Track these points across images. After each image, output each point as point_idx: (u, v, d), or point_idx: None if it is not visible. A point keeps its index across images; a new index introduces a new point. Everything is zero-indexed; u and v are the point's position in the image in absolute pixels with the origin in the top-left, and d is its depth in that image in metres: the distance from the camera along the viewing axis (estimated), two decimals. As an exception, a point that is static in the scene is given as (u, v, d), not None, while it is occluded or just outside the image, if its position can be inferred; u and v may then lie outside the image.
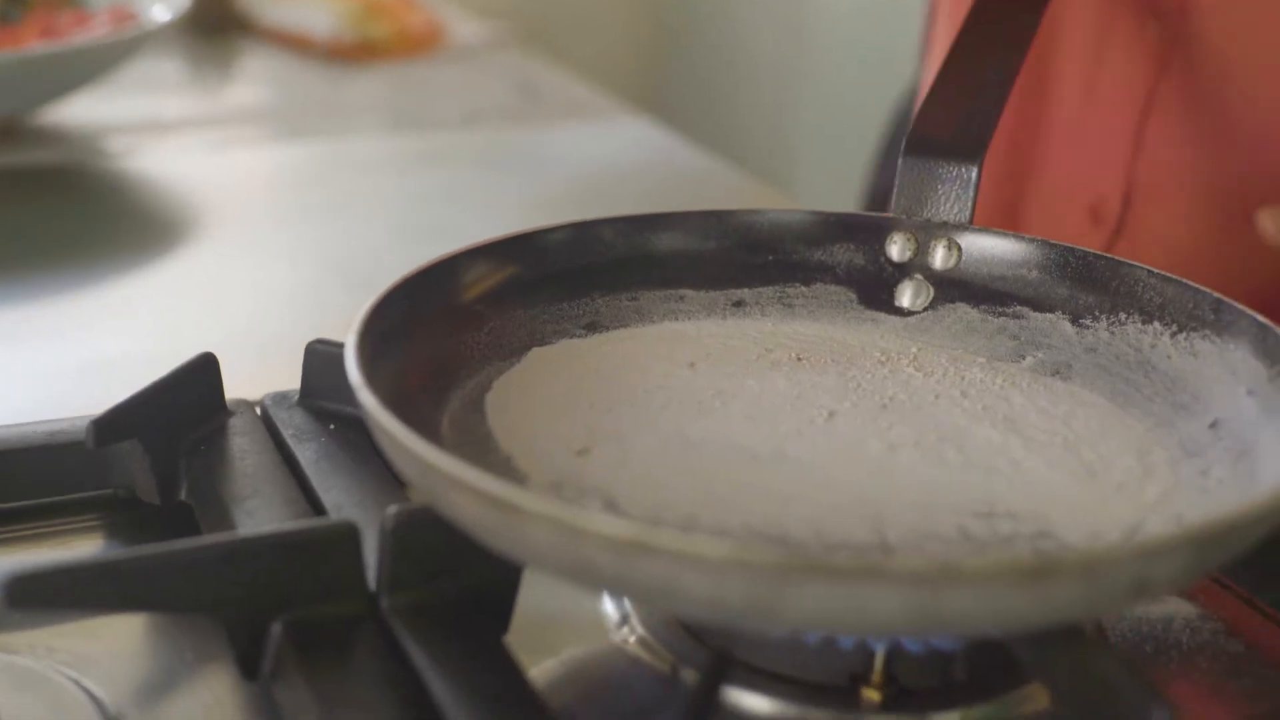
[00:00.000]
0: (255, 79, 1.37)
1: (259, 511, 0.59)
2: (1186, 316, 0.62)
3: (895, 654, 0.53)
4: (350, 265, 0.94)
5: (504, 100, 1.30)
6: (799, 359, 0.64)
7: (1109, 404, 0.61)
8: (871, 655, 0.53)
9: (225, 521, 0.58)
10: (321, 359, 0.67)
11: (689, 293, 0.67)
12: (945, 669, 0.54)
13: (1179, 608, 0.59)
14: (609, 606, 0.57)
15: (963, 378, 0.63)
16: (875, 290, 0.68)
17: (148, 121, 1.18)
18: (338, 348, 0.67)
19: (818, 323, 0.67)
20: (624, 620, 0.57)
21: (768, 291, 0.68)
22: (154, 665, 0.55)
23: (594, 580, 0.46)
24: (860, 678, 0.53)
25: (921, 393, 0.62)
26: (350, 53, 1.39)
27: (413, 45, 1.42)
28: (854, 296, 0.68)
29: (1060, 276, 0.65)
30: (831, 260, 0.68)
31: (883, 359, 0.65)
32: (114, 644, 0.55)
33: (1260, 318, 0.59)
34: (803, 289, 0.68)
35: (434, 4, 1.52)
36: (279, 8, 1.44)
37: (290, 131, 1.20)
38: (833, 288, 0.68)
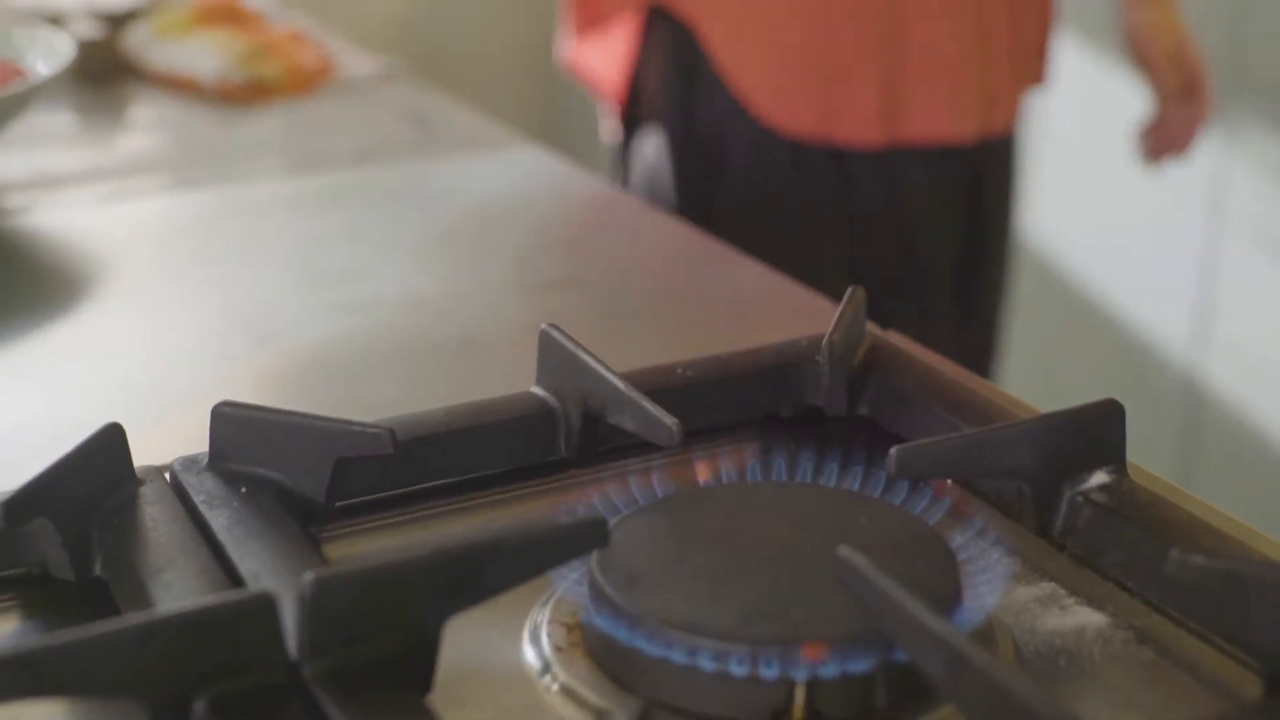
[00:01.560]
0: (146, 126, 1.36)
1: (175, 584, 0.58)
2: None
3: (816, 686, 0.54)
4: (251, 315, 0.93)
5: (397, 135, 1.30)
6: None
7: None
8: (792, 689, 0.53)
9: (141, 596, 0.58)
10: (229, 421, 0.66)
11: None
12: (866, 698, 0.54)
13: (1089, 618, 0.60)
14: (530, 656, 0.58)
15: None
16: None
17: (39, 177, 1.17)
18: (246, 410, 0.66)
19: None
20: (545, 669, 0.57)
21: None
22: (77, 747, 0.55)
23: None
24: (783, 714, 0.53)
25: None
26: (241, 94, 1.38)
27: (303, 82, 1.41)
28: None
29: None
30: None
31: None
32: (35, 727, 0.55)
33: None
34: None
35: (321, 38, 1.52)
36: (165, 52, 1.43)
37: (185, 179, 1.19)
38: None
